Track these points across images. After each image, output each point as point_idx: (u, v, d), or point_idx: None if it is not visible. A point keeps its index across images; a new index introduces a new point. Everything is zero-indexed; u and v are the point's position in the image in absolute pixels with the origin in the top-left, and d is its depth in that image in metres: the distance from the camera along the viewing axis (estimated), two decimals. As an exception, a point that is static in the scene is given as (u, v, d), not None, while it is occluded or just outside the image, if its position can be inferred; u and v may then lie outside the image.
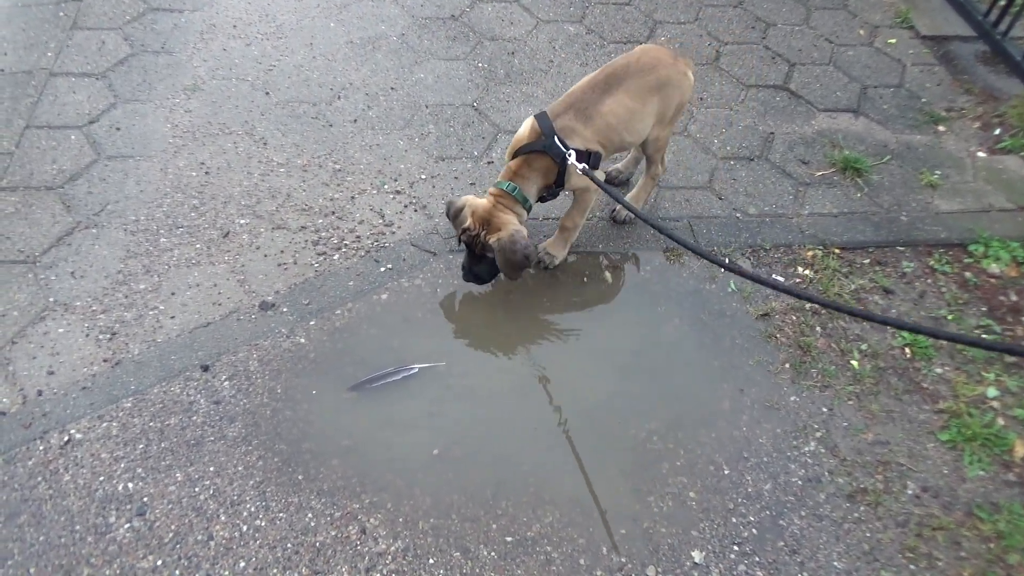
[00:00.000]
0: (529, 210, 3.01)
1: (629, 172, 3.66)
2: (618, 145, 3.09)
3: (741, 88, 4.26)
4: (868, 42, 4.63)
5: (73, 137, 3.68)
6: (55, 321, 3.02)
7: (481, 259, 3.02)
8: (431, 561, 2.51)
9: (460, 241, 3.02)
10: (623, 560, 2.55)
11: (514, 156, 2.96)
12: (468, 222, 2.93)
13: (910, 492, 2.78)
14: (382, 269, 3.28)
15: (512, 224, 2.90)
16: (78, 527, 2.52)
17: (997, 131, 4.10)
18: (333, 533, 2.55)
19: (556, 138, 2.86)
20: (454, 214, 3.00)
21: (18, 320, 3.01)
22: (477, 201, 2.96)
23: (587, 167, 2.85)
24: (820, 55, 4.51)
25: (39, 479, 2.61)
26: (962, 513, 2.73)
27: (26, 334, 2.97)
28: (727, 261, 2.39)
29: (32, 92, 3.86)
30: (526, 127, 2.97)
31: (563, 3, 4.72)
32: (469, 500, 2.66)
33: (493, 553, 2.54)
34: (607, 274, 3.35)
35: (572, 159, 2.84)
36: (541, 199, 3.10)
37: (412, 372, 2.96)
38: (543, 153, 2.89)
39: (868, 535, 2.66)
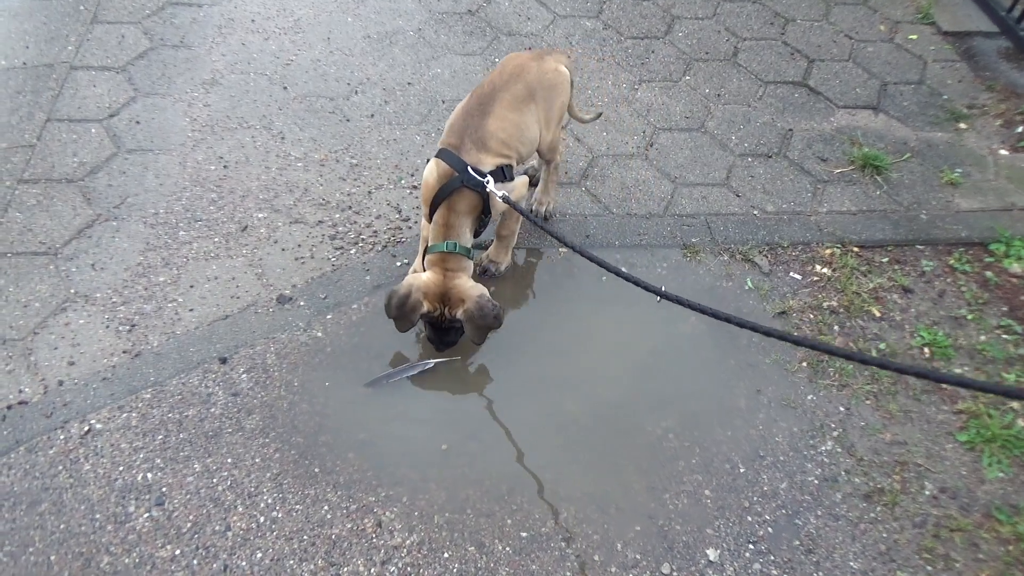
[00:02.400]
0: (473, 256, 2.88)
1: (537, 168, 3.58)
2: (518, 158, 2.99)
3: (759, 84, 4.24)
4: (889, 38, 4.59)
5: (93, 130, 3.71)
6: (76, 312, 3.05)
7: (449, 330, 2.88)
8: (446, 555, 2.52)
9: (406, 329, 2.87)
10: (637, 557, 2.55)
11: (432, 203, 2.80)
12: (425, 306, 2.77)
13: (928, 493, 2.76)
14: (399, 264, 3.29)
15: (473, 290, 2.77)
16: (98, 516, 2.55)
17: (1020, 128, 4.05)
18: (349, 526, 2.57)
19: (469, 168, 2.74)
20: (399, 303, 2.76)
21: (40, 311, 3.04)
22: (422, 279, 2.78)
23: (507, 195, 2.73)
24: (840, 51, 4.47)
25: (60, 468, 2.65)
26: (980, 515, 2.71)
27: (48, 325, 3.00)
28: (662, 289, 2.30)
29: (53, 85, 3.90)
30: (432, 170, 2.81)
31: (581, -2, 4.71)
32: (484, 495, 2.66)
33: (508, 548, 2.55)
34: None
35: (491, 187, 2.73)
36: (475, 234, 2.95)
37: (428, 367, 2.97)
38: (462, 188, 2.75)
39: (885, 535, 2.65)
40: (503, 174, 2.85)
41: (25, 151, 3.59)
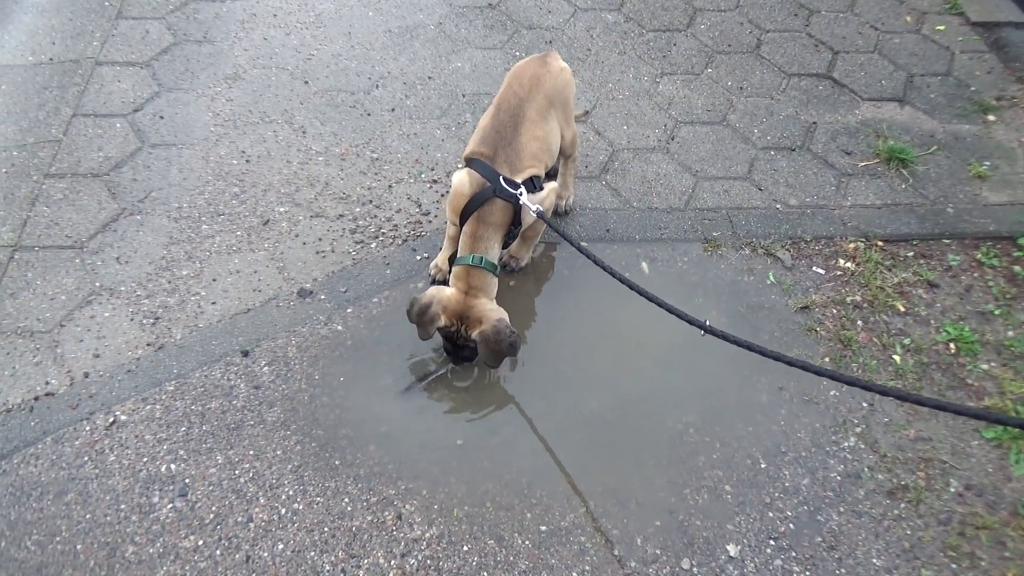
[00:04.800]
0: (497, 272, 2.84)
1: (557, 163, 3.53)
2: (545, 168, 2.99)
3: (782, 77, 4.19)
4: (915, 29, 4.51)
5: (118, 125, 3.75)
6: (101, 305, 3.09)
7: (464, 346, 2.82)
8: (465, 548, 2.53)
9: (425, 338, 2.82)
10: (657, 552, 2.55)
11: (463, 213, 2.81)
12: (442, 320, 2.74)
13: (953, 490, 2.72)
14: (418, 258, 3.30)
15: (492, 313, 2.74)
16: (123, 506, 2.58)
17: (1050, 121, 3.98)
18: (369, 518, 2.58)
19: (502, 179, 2.74)
20: (419, 312, 2.75)
21: (66, 304, 3.08)
22: (445, 294, 2.76)
23: (540, 209, 2.73)
24: (865, 43, 4.40)
25: (85, 459, 2.69)
26: (1007, 512, 2.67)
27: (73, 317, 3.05)
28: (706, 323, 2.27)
29: (79, 81, 3.95)
30: (464, 179, 2.80)
31: (601, -9, 4.68)
32: (504, 489, 2.67)
33: (527, 542, 2.55)
34: (644, 265, 3.32)
35: (524, 199, 2.73)
36: (504, 246, 2.93)
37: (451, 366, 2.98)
38: (493, 199, 2.75)
39: (909, 533, 2.61)
40: (533, 185, 2.85)
41: (52, 146, 3.64)
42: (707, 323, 2.22)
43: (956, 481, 2.74)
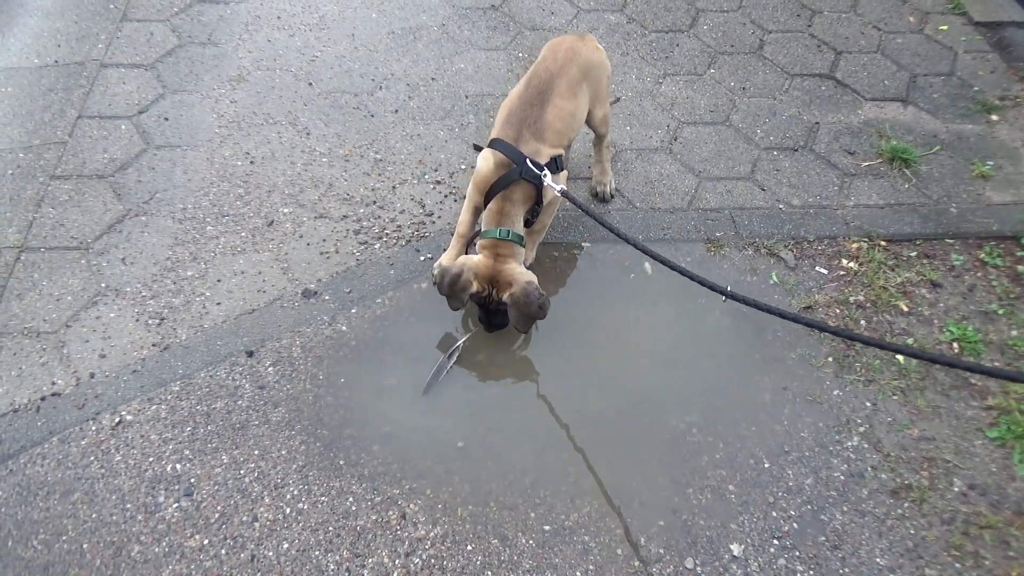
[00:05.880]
0: (523, 244, 2.92)
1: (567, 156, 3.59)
2: (568, 143, 3.05)
3: (785, 77, 4.19)
4: (918, 29, 4.51)
5: (123, 127, 3.77)
6: (107, 306, 3.11)
7: (497, 312, 2.91)
8: (469, 547, 2.54)
9: (457, 307, 2.90)
10: (661, 551, 2.55)
11: (487, 193, 2.87)
12: (475, 287, 2.80)
13: (956, 489, 2.72)
14: (422, 258, 3.31)
15: (522, 276, 2.79)
16: (128, 506, 2.60)
17: (1053, 121, 3.97)
18: (374, 517, 2.59)
19: (528, 161, 2.79)
20: (451, 282, 2.79)
21: (72, 304, 3.10)
22: (474, 261, 2.82)
23: (564, 188, 2.79)
24: (868, 43, 4.40)
25: (92, 458, 2.70)
26: (1011, 512, 2.67)
27: (79, 318, 3.06)
28: (728, 289, 2.36)
29: (84, 83, 3.97)
30: (489, 160, 2.86)
31: (604, -8, 4.69)
32: (507, 488, 2.67)
33: (531, 541, 2.56)
34: (647, 265, 3.32)
35: (548, 180, 2.79)
36: (525, 224, 2.98)
37: (459, 350, 2.99)
38: (518, 180, 2.81)
39: (912, 532, 2.62)
40: (556, 165, 2.90)
41: (57, 147, 3.66)
42: (728, 288, 2.31)
43: (960, 480, 2.74)
